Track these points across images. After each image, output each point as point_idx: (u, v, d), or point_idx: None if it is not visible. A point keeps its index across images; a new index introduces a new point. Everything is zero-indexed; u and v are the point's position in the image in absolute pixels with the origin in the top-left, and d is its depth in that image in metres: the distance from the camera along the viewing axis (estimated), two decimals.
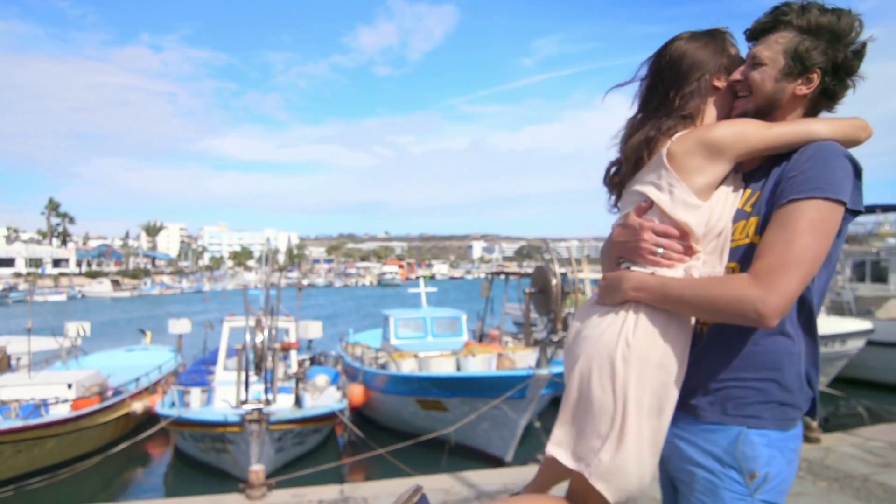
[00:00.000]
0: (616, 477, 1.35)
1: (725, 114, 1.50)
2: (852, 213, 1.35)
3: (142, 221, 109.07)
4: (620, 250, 1.50)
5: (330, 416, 9.44)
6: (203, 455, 9.15)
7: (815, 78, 1.42)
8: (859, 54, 1.42)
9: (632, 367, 1.36)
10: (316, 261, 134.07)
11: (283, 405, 9.04)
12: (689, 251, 1.42)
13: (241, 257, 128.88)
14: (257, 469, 5.54)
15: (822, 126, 1.41)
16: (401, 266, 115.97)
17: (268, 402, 8.10)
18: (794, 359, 1.39)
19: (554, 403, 10.79)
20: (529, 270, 11.59)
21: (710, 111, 1.51)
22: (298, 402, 9.51)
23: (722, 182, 1.45)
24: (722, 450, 1.37)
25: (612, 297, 1.45)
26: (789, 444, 1.38)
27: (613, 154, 1.58)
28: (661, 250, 1.42)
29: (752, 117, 1.45)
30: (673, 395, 1.39)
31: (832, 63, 1.41)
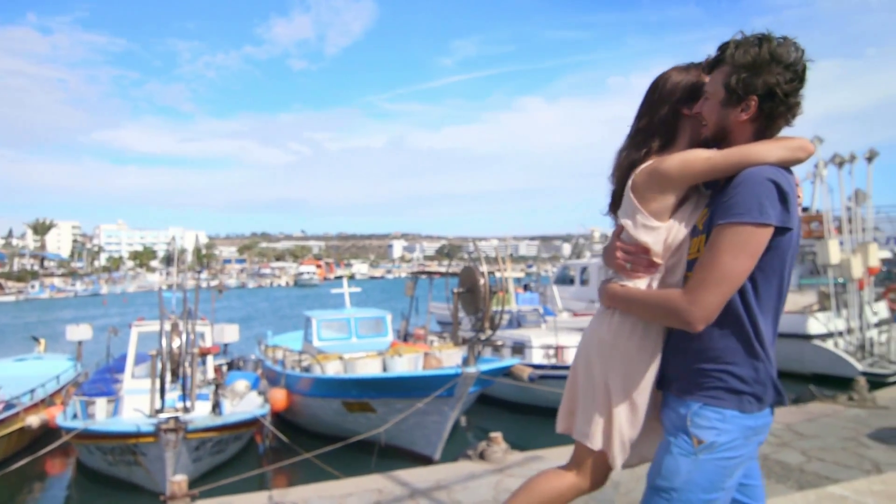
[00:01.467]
0: (607, 445, 1.81)
1: (697, 141, 1.75)
2: (784, 229, 1.56)
3: (29, 219, 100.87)
4: (608, 264, 1.88)
5: (251, 423, 9.25)
6: (111, 469, 8.72)
7: (753, 104, 1.62)
8: (796, 78, 1.59)
9: (604, 358, 1.79)
10: (227, 261, 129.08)
11: (200, 412, 8.77)
12: (652, 265, 1.75)
13: (143, 257, 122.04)
14: (179, 480, 5.39)
15: (761, 149, 1.61)
16: (319, 266, 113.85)
17: (186, 410, 7.84)
18: (746, 355, 1.65)
19: (481, 400, 11.11)
20: (456, 270, 11.81)
21: (684, 138, 1.76)
22: (217, 408, 9.25)
23: (685, 201, 1.73)
24: (681, 418, 1.68)
25: (601, 303, 1.87)
26: (747, 422, 1.65)
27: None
28: (629, 265, 1.77)
29: (711, 144, 1.70)
30: (645, 379, 1.76)
31: (767, 89, 1.59)
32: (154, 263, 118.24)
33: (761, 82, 1.59)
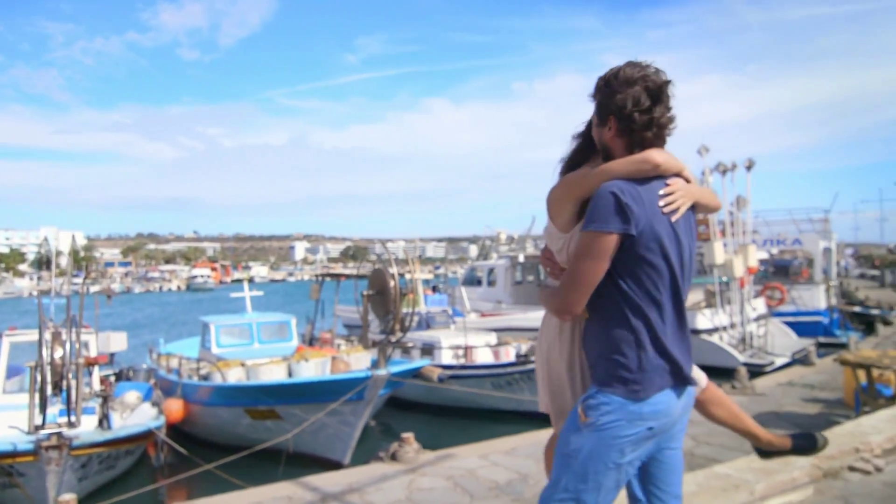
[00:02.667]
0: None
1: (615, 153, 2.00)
2: (627, 235, 1.81)
3: None
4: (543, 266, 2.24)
5: (144, 436, 8.79)
6: None
7: (612, 123, 1.92)
8: (646, 96, 1.83)
9: (543, 349, 2.21)
10: (109, 264, 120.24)
11: (86, 427, 8.23)
12: (561, 269, 2.06)
13: (10, 260, 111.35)
14: (68, 499, 5.08)
15: (612, 165, 1.89)
16: (214, 269, 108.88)
17: (70, 425, 7.35)
18: (632, 346, 1.87)
19: (392, 402, 11.19)
20: (364, 272, 11.79)
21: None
22: (105, 422, 8.71)
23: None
24: (582, 398, 1.98)
25: None
26: (632, 407, 1.86)
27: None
28: (548, 269, 2.15)
29: (605, 160, 1.96)
30: (567, 366, 2.09)
31: (618, 108, 1.86)
32: (23, 267, 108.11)
33: (613, 103, 1.87)
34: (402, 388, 10.68)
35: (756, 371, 12.03)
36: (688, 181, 1.96)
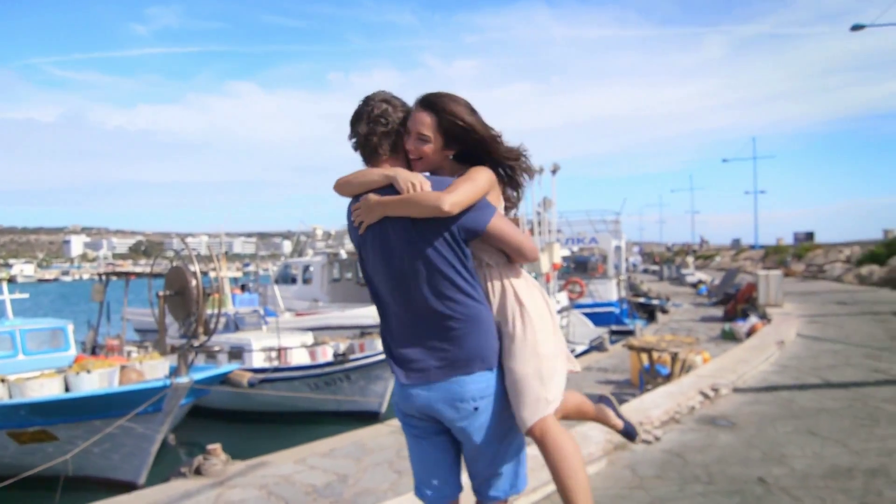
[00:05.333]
0: None
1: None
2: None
3: None
4: None
5: None
6: None
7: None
8: (350, 122, 2.17)
9: None
10: None
11: None
12: None
13: None
14: None
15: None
16: None
17: None
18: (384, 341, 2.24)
19: (195, 412, 10.50)
20: (160, 270, 10.96)
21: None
22: None
23: None
24: None
25: None
26: (396, 390, 2.23)
27: None
28: None
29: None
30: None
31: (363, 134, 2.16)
32: None
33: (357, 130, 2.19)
34: (208, 396, 10.14)
35: None
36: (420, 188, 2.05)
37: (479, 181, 2.04)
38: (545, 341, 2.13)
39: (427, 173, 2.12)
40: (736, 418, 5.42)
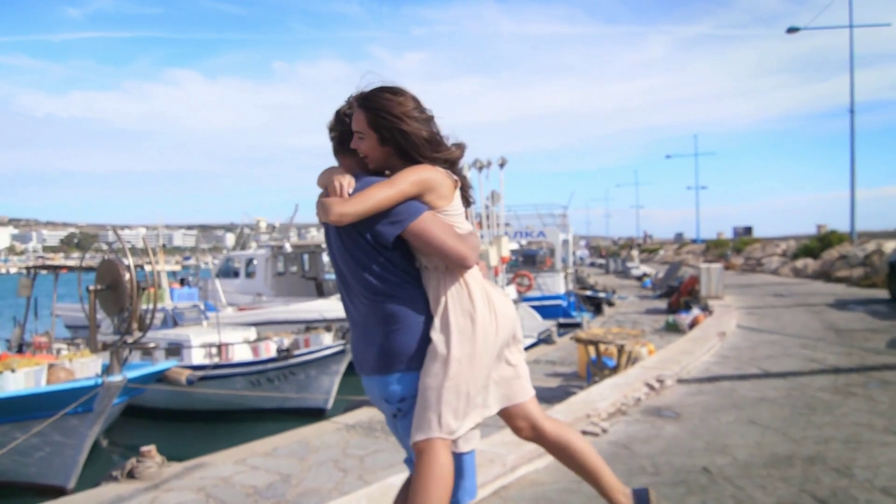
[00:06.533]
0: None
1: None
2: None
3: None
4: None
5: None
6: None
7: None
8: (336, 119, 2.21)
9: None
10: None
11: None
12: None
13: None
14: None
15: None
16: None
17: None
18: None
19: (130, 412, 10.11)
20: (92, 263, 10.50)
21: None
22: None
23: None
24: None
25: None
26: None
27: None
28: None
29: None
30: None
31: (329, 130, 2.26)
32: None
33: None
34: (145, 395, 9.78)
35: None
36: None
37: (394, 185, 1.99)
38: (458, 362, 2.01)
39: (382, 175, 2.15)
40: (680, 409, 5.52)
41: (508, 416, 2.30)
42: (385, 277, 2.05)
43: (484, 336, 2.06)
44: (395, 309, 2.05)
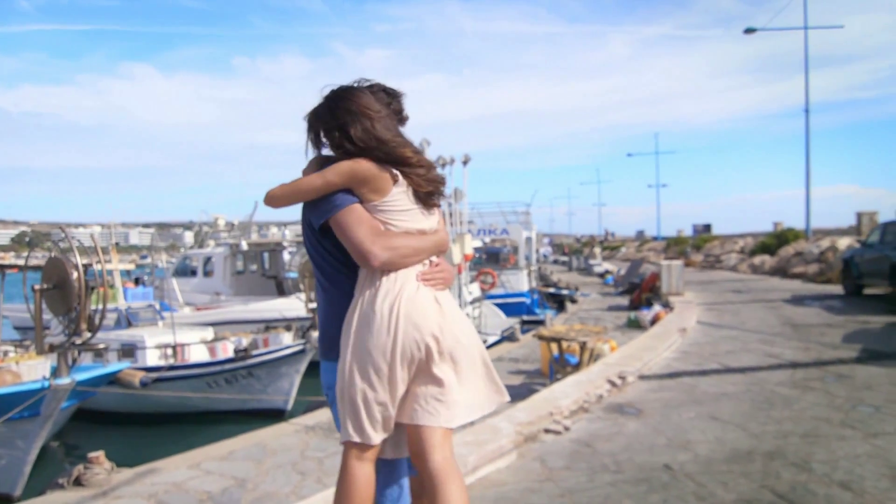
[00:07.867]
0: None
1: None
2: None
3: None
4: None
5: None
6: None
7: None
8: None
9: None
10: None
11: None
12: None
13: None
14: None
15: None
16: None
17: None
18: None
19: (78, 416, 9.74)
20: (39, 262, 10.10)
21: None
22: None
23: None
24: None
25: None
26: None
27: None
28: None
29: None
30: None
31: None
32: None
33: None
34: (96, 397, 9.44)
35: None
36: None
37: (322, 175, 2.00)
38: (350, 366, 1.95)
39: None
40: (642, 405, 5.54)
41: (408, 436, 2.03)
42: (323, 267, 2.11)
43: (376, 344, 1.93)
44: (331, 297, 2.11)
